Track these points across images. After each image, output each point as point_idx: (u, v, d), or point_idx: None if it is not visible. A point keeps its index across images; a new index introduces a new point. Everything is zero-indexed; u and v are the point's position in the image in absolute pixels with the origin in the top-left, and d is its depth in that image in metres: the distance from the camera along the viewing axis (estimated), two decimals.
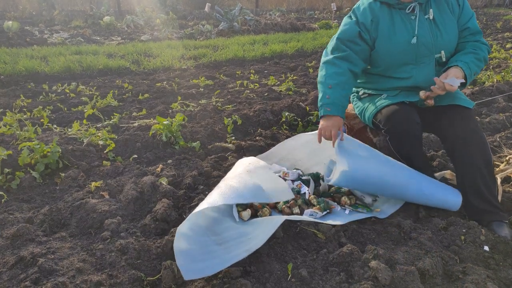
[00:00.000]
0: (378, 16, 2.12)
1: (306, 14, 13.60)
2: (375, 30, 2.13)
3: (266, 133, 3.08)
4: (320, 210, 1.96)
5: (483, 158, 1.95)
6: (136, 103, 4.02)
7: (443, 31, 2.08)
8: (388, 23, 2.11)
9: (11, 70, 4.87)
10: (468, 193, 2.00)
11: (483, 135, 2.00)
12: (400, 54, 2.10)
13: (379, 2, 2.14)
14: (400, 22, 2.10)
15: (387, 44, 2.11)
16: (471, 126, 2.00)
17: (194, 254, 1.56)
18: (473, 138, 1.97)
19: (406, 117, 2.08)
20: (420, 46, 2.07)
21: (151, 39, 8.17)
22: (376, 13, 2.13)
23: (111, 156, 2.66)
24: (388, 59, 2.15)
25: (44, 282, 1.45)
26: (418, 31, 2.06)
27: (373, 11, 2.13)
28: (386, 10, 2.12)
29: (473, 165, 1.96)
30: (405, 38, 2.08)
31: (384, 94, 2.24)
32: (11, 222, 1.86)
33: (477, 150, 1.96)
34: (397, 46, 2.09)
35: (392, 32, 2.10)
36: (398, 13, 2.11)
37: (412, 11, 2.08)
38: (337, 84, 2.10)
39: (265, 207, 1.99)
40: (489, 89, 4.29)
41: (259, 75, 5.36)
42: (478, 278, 1.51)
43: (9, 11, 10.06)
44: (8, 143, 2.72)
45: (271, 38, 8.21)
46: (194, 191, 2.22)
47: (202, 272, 1.47)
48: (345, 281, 1.53)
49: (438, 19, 2.08)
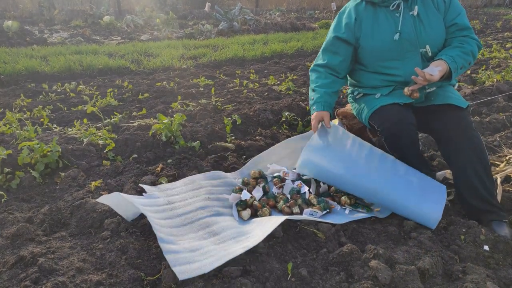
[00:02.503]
0: (362, 15, 2.19)
1: (306, 14, 13.60)
2: (358, 29, 2.19)
3: (266, 132, 3.08)
4: (320, 210, 1.96)
5: (479, 158, 1.95)
6: (136, 102, 4.02)
7: (427, 25, 2.10)
8: (372, 21, 2.16)
9: (11, 70, 4.86)
10: (465, 194, 2.00)
11: (478, 135, 2.00)
12: (384, 50, 2.14)
13: (364, 2, 2.20)
14: (384, 19, 2.14)
15: (370, 41, 2.16)
16: (465, 126, 1.99)
17: (187, 257, 1.55)
18: (468, 138, 1.97)
19: (400, 118, 2.08)
20: (403, 41, 2.10)
21: (151, 39, 8.17)
22: (360, 13, 2.19)
23: (111, 155, 2.66)
24: (372, 55, 2.19)
25: (44, 282, 1.45)
26: (401, 27, 2.09)
27: (357, 12, 2.20)
28: (370, 9, 2.18)
29: (469, 164, 1.96)
30: (388, 35, 2.12)
31: (377, 93, 2.24)
32: (11, 222, 1.86)
33: (472, 149, 1.95)
34: (380, 43, 2.14)
35: (375, 29, 2.15)
36: (382, 11, 2.15)
37: (396, 8, 2.11)
38: (319, 86, 2.29)
39: (265, 207, 1.99)
40: (489, 89, 4.29)
41: (259, 74, 5.36)
42: (478, 278, 1.51)
43: (9, 11, 10.06)
44: (8, 142, 2.72)
45: (271, 37, 8.20)
46: None
47: (197, 271, 1.46)
48: (345, 280, 1.53)
49: (422, 15, 2.10)
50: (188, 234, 1.75)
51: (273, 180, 2.29)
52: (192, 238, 1.72)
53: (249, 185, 2.21)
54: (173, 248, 1.60)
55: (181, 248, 1.62)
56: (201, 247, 1.64)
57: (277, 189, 2.20)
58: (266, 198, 2.09)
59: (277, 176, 2.30)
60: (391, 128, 2.09)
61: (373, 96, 2.27)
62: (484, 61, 5.97)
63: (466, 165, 1.97)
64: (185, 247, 1.63)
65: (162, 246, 1.59)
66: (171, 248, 1.60)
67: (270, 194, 2.13)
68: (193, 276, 1.46)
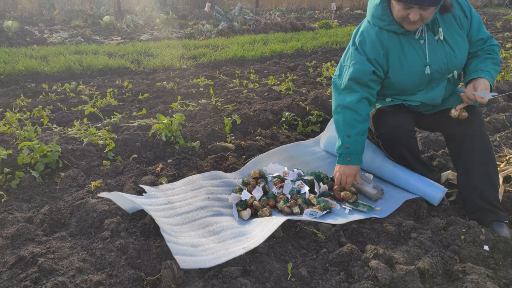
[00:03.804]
0: (388, 47, 1.97)
1: (306, 14, 13.59)
2: (386, 62, 1.99)
3: (266, 132, 3.08)
4: (320, 210, 1.96)
5: (488, 158, 1.96)
6: (136, 102, 4.02)
7: (456, 49, 1.96)
8: (399, 52, 1.96)
9: (11, 70, 4.86)
10: (472, 192, 1.99)
11: (487, 134, 2.01)
12: (414, 83, 2.01)
13: (385, 31, 1.96)
14: (410, 49, 1.95)
15: (399, 75, 1.99)
16: (479, 123, 1.99)
17: (189, 250, 1.57)
18: (481, 136, 1.97)
19: (397, 124, 2.06)
20: (434, 73, 1.97)
21: (151, 39, 8.16)
22: (386, 45, 1.97)
23: (111, 155, 2.66)
24: (400, 87, 2.06)
25: (44, 282, 1.45)
26: (429, 57, 1.94)
27: (382, 43, 1.97)
28: (395, 38, 1.96)
29: (480, 163, 1.96)
30: (418, 68, 1.96)
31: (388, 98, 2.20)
32: (11, 222, 1.86)
33: (484, 148, 1.96)
34: (410, 76, 1.98)
35: (404, 61, 1.96)
36: (407, 40, 1.95)
37: (420, 34, 1.94)
38: (357, 134, 2.03)
39: (265, 207, 1.99)
40: None
41: (259, 74, 5.36)
42: (478, 278, 1.51)
43: (9, 11, 10.05)
44: (8, 142, 2.72)
45: (271, 37, 8.20)
46: None
47: (198, 264, 1.49)
48: (345, 280, 1.53)
49: (449, 38, 1.94)
50: (188, 232, 1.76)
51: (273, 180, 2.29)
52: (193, 236, 1.73)
53: (249, 185, 2.21)
54: (174, 240, 1.61)
55: (183, 242, 1.63)
56: (202, 244, 1.65)
57: (277, 189, 2.20)
58: (266, 198, 2.09)
59: (277, 176, 2.30)
60: (389, 133, 2.08)
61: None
62: None
63: (478, 160, 1.96)
64: (186, 242, 1.64)
65: (164, 236, 1.60)
66: (172, 239, 1.61)
67: (270, 194, 2.13)
68: (194, 268, 1.48)
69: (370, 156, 2.32)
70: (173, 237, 1.64)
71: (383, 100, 2.21)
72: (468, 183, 2.00)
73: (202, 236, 1.73)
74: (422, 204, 2.09)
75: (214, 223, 1.83)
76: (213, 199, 2.02)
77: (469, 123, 1.98)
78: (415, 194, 2.14)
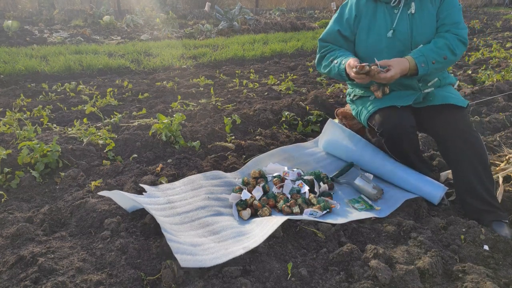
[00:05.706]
0: (362, 11, 2.17)
1: (306, 14, 13.59)
2: (357, 25, 2.19)
3: (266, 132, 3.08)
4: (320, 209, 1.96)
5: (478, 158, 1.94)
6: (136, 102, 4.02)
7: (420, 24, 2.07)
8: (370, 17, 2.16)
9: (11, 70, 4.86)
10: (465, 194, 2.00)
11: (477, 135, 1.99)
12: (375, 46, 2.12)
13: None
14: (381, 15, 2.13)
15: (364, 37, 2.16)
16: (463, 125, 1.99)
17: (189, 250, 1.57)
18: (466, 138, 1.96)
19: (400, 121, 2.07)
20: (396, 40, 2.08)
21: (151, 39, 8.16)
22: (361, 8, 2.18)
23: (111, 155, 2.66)
24: (363, 51, 2.18)
25: (44, 282, 1.45)
26: (396, 24, 2.07)
27: (358, 7, 2.19)
28: (371, 5, 2.16)
29: (468, 165, 1.95)
30: (382, 31, 2.10)
31: (371, 95, 2.23)
32: (11, 222, 1.86)
33: (472, 149, 1.95)
34: (374, 39, 2.12)
35: (372, 25, 2.15)
36: (382, 7, 2.14)
37: (397, 4, 2.09)
38: (336, 56, 2.18)
39: (265, 207, 1.99)
40: (489, 89, 4.29)
41: (259, 74, 5.36)
42: (478, 277, 1.51)
43: (9, 11, 10.05)
44: (8, 142, 2.72)
45: (271, 37, 8.20)
46: None
47: (199, 263, 1.49)
48: (345, 280, 1.53)
49: (417, 13, 2.07)
50: (188, 231, 1.76)
51: (273, 180, 2.29)
52: (192, 235, 1.73)
53: (249, 185, 2.21)
54: (175, 239, 1.62)
55: (183, 240, 1.63)
56: (202, 243, 1.65)
57: (277, 189, 2.20)
58: (266, 197, 2.09)
59: (277, 176, 2.30)
60: (391, 130, 2.08)
61: (367, 98, 2.27)
62: (484, 60, 5.97)
63: (465, 166, 1.96)
64: (187, 241, 1.64)
65: (165, 234, 1.60)
66: (173, 238, 1.61)
67: (270, 194, 2.14)
68: (194, 267, 1.48)
69: (370, 156, 2.32)
70: (173, 236, 1.64)
71: (367, 98, 2.28)
72: (462, 185, 2.01)
73: (202, 236, 1.73)
74: (422, 203, 2.09)
75: (214, 222, 1.83)
76: (213, 199, 2.02)
77: (453, 125, 2.00)
78: (415, 193, 2.14)
